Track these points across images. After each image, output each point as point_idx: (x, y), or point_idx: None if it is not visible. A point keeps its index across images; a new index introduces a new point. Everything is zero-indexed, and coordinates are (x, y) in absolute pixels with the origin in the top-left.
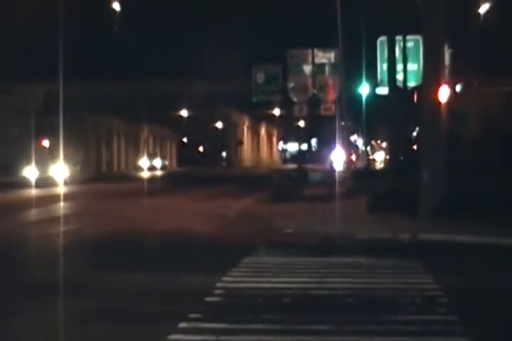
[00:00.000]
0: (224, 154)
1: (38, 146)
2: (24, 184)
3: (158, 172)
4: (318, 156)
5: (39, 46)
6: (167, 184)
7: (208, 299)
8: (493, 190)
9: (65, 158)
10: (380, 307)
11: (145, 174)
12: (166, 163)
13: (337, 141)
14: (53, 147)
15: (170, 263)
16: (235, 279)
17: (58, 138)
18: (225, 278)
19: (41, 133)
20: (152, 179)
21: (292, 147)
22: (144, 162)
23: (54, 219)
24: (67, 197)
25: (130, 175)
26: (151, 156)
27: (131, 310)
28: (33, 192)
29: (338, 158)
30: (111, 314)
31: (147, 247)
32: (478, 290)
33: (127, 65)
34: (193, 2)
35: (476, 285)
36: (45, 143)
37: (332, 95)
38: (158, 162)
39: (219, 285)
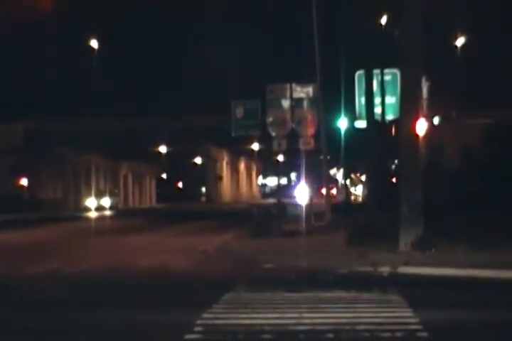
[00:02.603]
0: (203, 189)
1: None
2: None
3: (108, 213)
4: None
5: (19, 84)
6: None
7: (188, 336)
8: (472, 222)
9: None
10: None
11: (94, 214)
12: (117, 201)
13: (302, 176)
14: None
15: (149, 300)
16: (215, 316)
17: (38, 176)
18: (205, 315)
19: (21, 172)
20: (124, 216)
21: (271, 182)
22: (90, 201)
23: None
24: None
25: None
26: (99, 195)
27: None
28: None
29: (303, 193)
30: None
31: (126, 284)
32: (458, 323)
33: (106, 101)
34: (171, 38)
35: (456, 319)
36: (23, 181)
37: (311, 129)
38: (106, 201)
39: (199, 322)
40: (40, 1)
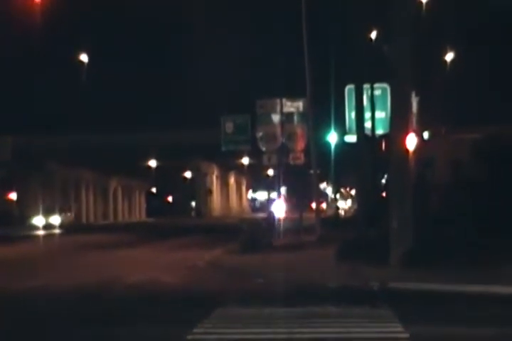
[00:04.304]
0: (193, 204)
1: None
2: None
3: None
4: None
5: (8, 99)
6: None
7: None
8: (461, 236)
9: None
10: None
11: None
12: (70, 215)
13: (278, 191)
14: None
15: (140, 315)
16: (205, 331)
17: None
18: (195, 330)
19: (10, 186)
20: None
21: (261, 196)
22: (38, 220)
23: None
24: None
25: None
26: (48, 212)
27: None
28: None
29: (279, 208)
30: None
31: (115, 300)
32: (448, 338)
33: (95, 116)
34: (160, 53)
35: (446, 334)
36: (12, 195)
37: (301, 144)
38: (56, 219)
39: (189, 337)
40: (28, 14)
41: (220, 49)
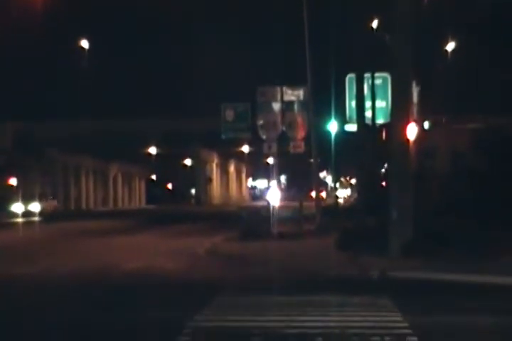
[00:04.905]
0: (193, 191)
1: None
2: None
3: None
4: (287, 193)
5: (8, 85)
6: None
7: (179, 338)
8: (461, 226)
9: None
10: None
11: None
12: (55, 203)
13: (273, 179)
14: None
15: (139, 302)
16: (205, 318)
17: (27, 177)
18: (196, 317)
19: (9, 173)
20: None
21: (261, 184)
22: (17, 206)
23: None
24: None
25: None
26: (27, 199)
27: None
28: None
29: (274, 196)
30: None
31: (114, 287)
32: (447, 327)
33: (96, 103)
34: (161, 39)
35: (445, 323)
36: (13, 181)
37: (301, 132)
38: (36, 206)
39: (190, 324)
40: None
41: (221, 37)
